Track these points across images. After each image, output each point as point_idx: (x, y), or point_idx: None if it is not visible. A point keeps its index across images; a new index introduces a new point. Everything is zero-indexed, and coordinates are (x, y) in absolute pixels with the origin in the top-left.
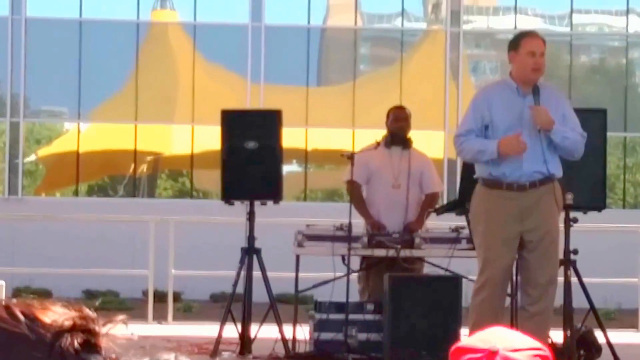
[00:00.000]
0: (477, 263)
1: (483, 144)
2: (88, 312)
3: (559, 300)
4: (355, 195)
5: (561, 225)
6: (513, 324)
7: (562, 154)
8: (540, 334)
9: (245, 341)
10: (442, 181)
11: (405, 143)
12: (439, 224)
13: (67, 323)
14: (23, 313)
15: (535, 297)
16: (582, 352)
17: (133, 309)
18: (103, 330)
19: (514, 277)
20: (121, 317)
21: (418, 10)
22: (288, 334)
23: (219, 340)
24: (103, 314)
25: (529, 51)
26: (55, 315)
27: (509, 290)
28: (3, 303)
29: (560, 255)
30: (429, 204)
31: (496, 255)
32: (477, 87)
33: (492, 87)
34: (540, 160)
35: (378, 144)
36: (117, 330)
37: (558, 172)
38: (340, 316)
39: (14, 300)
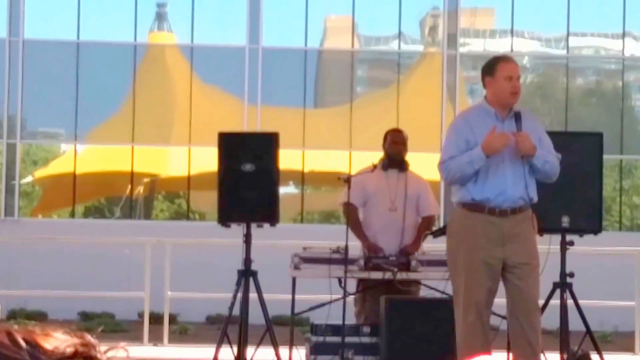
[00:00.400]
0: (455, 286)
1: (468, 155)
2: (90, 338)
3: (555, 323)
4: (352, 217)
5: (557, 248)
6: (509, 348)
7: (541, 177)
8: (532, 358)
9: None
10: (438, 204)
11: (402, 166)
12: (435, 246)
13: (69, 350)
14: (24, 339)
15: (524, 323)
16: None
17: (129, 330)
18: (104, 357)
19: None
20: (122, 344)
21: (415, 32)
22: (284, 357)
23: None
24: (99, 336)
25: (507, 76)
26: (57, 342)
27: (503, 312)
28: (5, 329)
29: (556, 278)
30: (426, 226)
31: (479, 279)
32: None
33: (471, 112)
34: (523, 185)
35: (375, 166)
36: (118, 357)
37: (536, 196)
38: (336, 339)
39: (16, 327)
